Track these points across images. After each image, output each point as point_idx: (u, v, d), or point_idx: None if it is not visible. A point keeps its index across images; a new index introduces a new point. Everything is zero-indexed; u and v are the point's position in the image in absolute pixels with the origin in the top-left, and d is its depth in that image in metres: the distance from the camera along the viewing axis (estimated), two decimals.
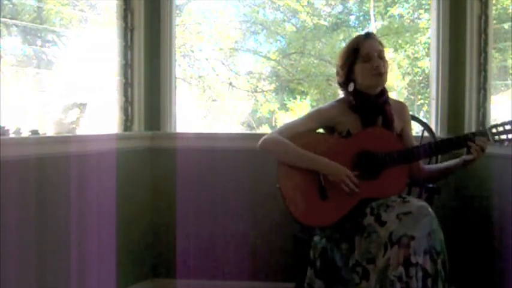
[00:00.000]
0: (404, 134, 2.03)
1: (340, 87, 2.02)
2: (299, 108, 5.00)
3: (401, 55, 4.92)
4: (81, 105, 2.31)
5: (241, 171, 2.61)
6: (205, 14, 4.98)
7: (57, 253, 2.12)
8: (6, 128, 1.99)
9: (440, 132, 2.54)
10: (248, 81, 5.17)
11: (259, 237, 2.61)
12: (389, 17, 5.14)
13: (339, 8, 5.26)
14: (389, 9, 5.14)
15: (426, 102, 4.68)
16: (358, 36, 1.97)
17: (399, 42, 4.93)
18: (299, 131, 1.95)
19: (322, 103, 2.12)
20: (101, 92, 2.56)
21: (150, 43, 2.62)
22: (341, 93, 2.06)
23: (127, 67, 2.58)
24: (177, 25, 3.25)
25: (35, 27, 2.63)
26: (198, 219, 2.63)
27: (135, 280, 2.56)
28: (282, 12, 5.32)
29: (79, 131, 2.31)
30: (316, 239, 1.86)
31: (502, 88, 2.65)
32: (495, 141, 1.82)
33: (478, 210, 2.39)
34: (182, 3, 4.79)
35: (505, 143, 1.82)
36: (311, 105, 4.99)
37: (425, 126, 2.33)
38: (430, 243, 1.60)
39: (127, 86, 2.59)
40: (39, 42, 2.83)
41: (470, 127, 2.48)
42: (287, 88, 5.27)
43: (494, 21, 2.46)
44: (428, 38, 4.21)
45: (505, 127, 1.81)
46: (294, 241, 2.12)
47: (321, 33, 5.09)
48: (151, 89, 2.64)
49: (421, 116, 4.40)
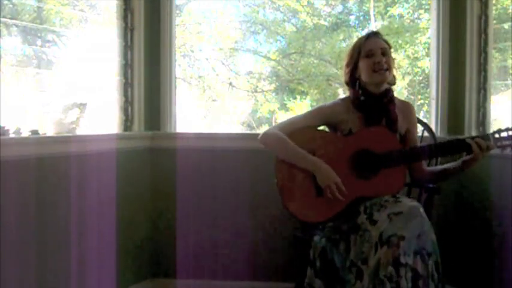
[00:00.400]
0: (409, 135, 2.02)
1: (346, 86, 2.03)
2: (299, 108, 5.00)
3: (401, 55, 4.92)
4: (81, 105, 2.31)
5: (241, 171, 2.61)
6: (205, 14, 4.98)
7: (57, 253, 2.12)
8: (6, 128, 1.99)
9: (440, 132, 2.54)
10: (248, 81, 5.17)
11: (259, 237, 2.61)
12: (390, 17, 5.14)
13: (339, 8, 5.26)
14: (389, 9, 5.13)
15: (426, 102, 4.67)
16: (364, 34, 1.99)
17: (399, 42, 4.93)
18: (299, 127, 1.96)
19: (322, 103, 2.12)
20: (101, 92, 2.56)
21: (150, 43, 2.62)
22: (341, 93, 2.06)
23: (127, 67, 2.58)
24: (177, 25, 3.25)
25: (35, 27, 2.63)
26: (198, 219, 2.63)
27: (135, 280, 2.56)
28: (282, 12, 5.32)
29: (79, 131, 2.31)
30: (316, 239, 1.86)
31: (502, 88, 2.65)
32: (498, 146, 1.81)
33: (478, 210, 2.39)
34: (182, 3, 4.79)
35: (508, 149, 1.81)
36: (311, 105, 4.98)
37: (425, 126, 2.33)
38: (420, 244, 1.60)
39: (127, 86, 2.59)
40: (39, 42, 2.83)
41: (470, 127, 2.48)
42: (287, 88, 5.27)
43: (494, 21, 2.46)
44: (428, 38, 4.21)
45: (509, 133, 1.80)
46: (294, 241, 2.12)
47: (321, 33, 5.09)
48: (151, 89, 2.64)
49: (421, 116, 4.39)
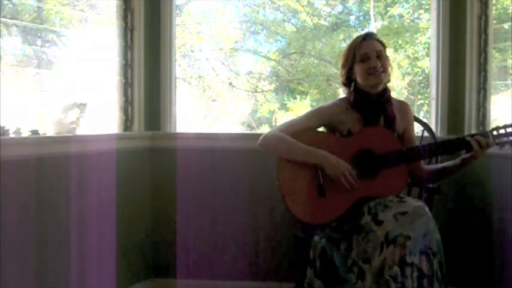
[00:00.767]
0: (407, 134, 2.03)
1: (343, 87, 2.03)
2: (299, 108, 5.00)
3: (401, 55, 4.92)
4: (81, 105, 2.31)
5: (241, 171, 2.61)
6: (205, 14, 4.97)
7: (57, 253, 2.12)
8: (6, 128, 1.99)
9: (440, 132, 2.54)
10: (248, 81, 5.17)
11: (259, 237, 2.61)
12: (390, 17, 5.13)
13: (339, 8, 5.25)
14: (389, 9, 5.13)
15: (426, 102, 4.67)
16: (358, 36, 1.98)
17: (399, 42, 4.92)
18: (299, 128, 1.96)
19: (322, 103, 2.12)
20: (101, 92, 2.56)
21: (150, 43, 2.62)
22: (341, 93, 2.06)
23: (127, 67, 2.58)
24: (177, 25, 3.24)
25: (35, 27, 2.63)
26: (198, 219, 2.63)
27: (135, 280, 2.56)
28: (282, 12, 5.32)
29: (79, 131, 2.31)
30: (316, 239, 1.86)
31: (502, 88, 2.65)
32: (496, 143, 1.81)
33: (478, 210, 2.39)
34: (182, 3, 4.79)
35: (506, 146, 1.81)
36: (311, 105, 4.98)
37: (425, 126, 2.33)
38: (426, 244, 1.61)
39: (127, 86, 2.59)
40: (39, 42, 2.83)
41: (470, 127, 2.48)
42: (287, 88, 5.26)
43: (494, 21, 2.46)
44: (428, 38, 4.21)
45: (507, 130, 1.80)
46: (294, 241, 2.12)
47: (321, 33, 5.08)
48: (151, 89, 2.64)
49: (421, 116, 4.39)
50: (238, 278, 2.61)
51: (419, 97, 5.03)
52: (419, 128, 2.39)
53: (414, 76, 5.07)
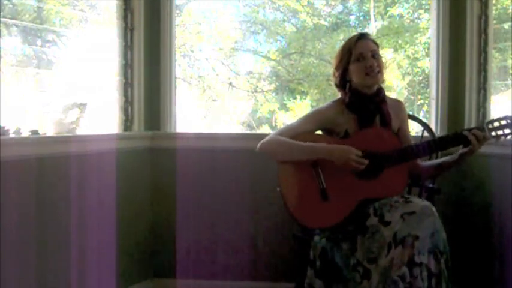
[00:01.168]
0: (401, 132, 2.03)
1: (336, 88, 2.03)
2: (299, 108, 4.99)
3: (401, 55, 4.91)
4: (81, 105, 2.31)
5: (241, 171, 2.61)
6: (205, 14, 4.97)
7: (57, 253, 2.12)
8: (6, 128, 1.99)
9: (440, 132, 2.54)
10: (248, 81, 5.17)
11: (260, 237, 2.61)
12: (389, 17, 5.13)
13: (339, 8, 5.25)
14: (389, 9, 5.13)
15: (426, 102, 4.67)
16: (352, 37, 1.98)
17: (399, 42, 4.92)
18: (297, 132, 1.95)
19: (322, 103, 2.12)
20: (101, 92, 2.56)
21: (150, 43, 2.62)
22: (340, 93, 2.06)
23: (127, 67, 2.58)
24: (177, 25, 3.24)
25: (35, 27, 2.63)
26: (198, 219, 2.63)
27: (135, 280, 2.56)
28: (282, 12, 5.32)
29: (79, 131, 2.31)
30: (316, 239, 1.86)
31: (502, 88, 2.65)
32: (492, 136, 1.83)
33: (478, 210, 2.39)
34: (182, 3, 4.78)
35: (501, 138, 1.82)
36: (311, 105, 4.98)
37: (425, 126, 2.33)
38: (433, 243, 1.61)
39: (127, 86, 2.59)
40: (39, 42, 2.83)
41: (470, 127, 2.48)
42: (287, 88, 5.26)
43: (494, 21, 2.46)
44: (428, 38, 4.20)
45: (501, 122, 1.82)
46: (294, 241, 2.12)
47: (321, 33, 5.08)
48: (151, 89, 2.64)
49: (421, 116, 4.39)
50: (238, 278, 2.61)
51: (419, 97, 5.02)
52: (419, 128, 2.39)
53: (414, 76, 5.06)
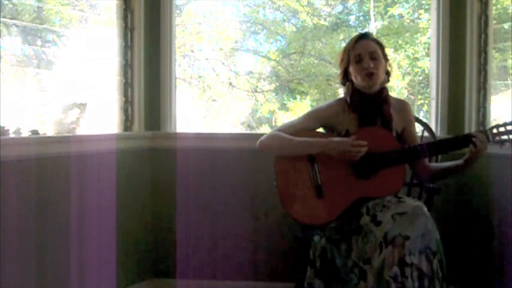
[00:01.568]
0: (407, 133, 2.02)
1: (342, 86, 2.03)
2: (299, 108, 4.99)
3: (402, 55, 4.92)
4: (81, 105, 2.31)
5: (241, 171, 2.61)
6: (205, 14, 4.98)
7: (57, 253, 2.12)
8: (6, 128, 1.99)
9: (440, 132, 2.54)
10: (248, 81, 5.17)
11: (259, 237, 2.61)
12: (389, 17, 5.13)
13: (339, 8, 5.25)
14: (389, 9, 5.13)
15: (426, 102, 4.67)
16: (354, 36, 1.98)
17: (399, 42, 4.92)
18: (298, 129, 1.96)
19: (322, 103, 2.12)
20: (101, 92, 2.56)
21: (150, 43, 2.62)
22: (341, 93, 2.07)
23: (127, 67, 2.58)
24: (177, 25, 3.25)
25: (35, 27, 2.63)
26: (198, 219, 2.63)
27: (135, 280, 2.56)
28: (282, 12, 5.32)
29: (79, 131, 2.31)
30: (316, 239, 1.86)
31: (502, 88, 2.65)
32: (496, 142, 1.81)
33: (478, 210, 2.39)
34: (182, 3, 4.79)
35: (506, 144, 1.81)
36: (311, 105, 4.98)
37: (425, 126, 2.33)
38: (425, 243, 1.60)
39: (127, 86, 2.59)
40: (39, 42, 2.83)
41: (470, 127, 2.48)
42: (287, 88, 5.26)
43: (494, 21, 2.46)
44: (428, 38, 4.21)
45: (507, 127, 1.80)
46: (294, 241, 2.12)
47: (321, 33, 5.08)
48: (151, 89, 2.64)
49: (421, 116, 4.39)
50: (238, 278, 2.61)
51: (419, 97, 5.03)
52: (419, 128, 2.39)
53: (414, 76, 5.07)
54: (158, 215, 2.64)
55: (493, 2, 2.47)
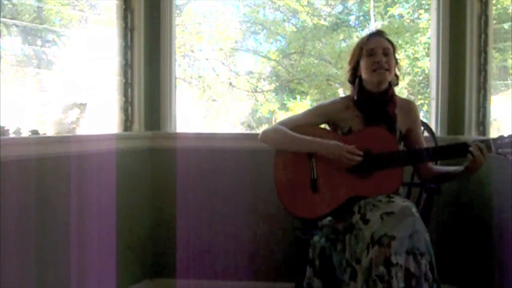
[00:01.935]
0: (413, 133, 2.02)
1: (348, 84, 2.03)
2: (299, 108, 5.00)
3: (402, 55, 4.92)
4: (81, 105, 2.32)
5: (241, 171, 2.61)
6: (205, 14, 4.98)
7: (57, 253, 2.12)
8: (6, 128, 1.99)
9: (440, 132, 2.54)
10: (248, 81, 5.17)
11: (259, 237, 2.61)
12: (389, 17, 5.14)
13: (339, 8, 5.26)
14: (389, 9, 5.13)
15: (426, 102, 4.67)
16: (369, 33, 2.00)
17: (399, 42, 4.93)
18: (300, 124, 1.98)
19: (321, 102, 2.13)
20: (101, 92, 2.56)
21: (150, 43, 2.62)
22: (341, 93, 2.07)
23: (127, 67, 2.58)
24: (177, 25, 3.25)
25: (35, 27, 2.63)
26: (198, 219, 2.63)
27: (135, 280, 2.56)
28: (282, 12, 5.32)
29: (79, 131, 2.31)
30: (315, 238, 1.86)
31: (502, 88, 2.65)
32: (498, 153, 1.78)
33: (478, 210, 2.39)
34: (182, 3, 4.79)
35: (509, 157, 1.76)
36: (311, 105, 4.98)
37: (425, 126, 2.32)
38: (413, 244, 1.60)
39: (127, 86, 2.59)
40: (39, 42, 2.83)
41: (470, 127, 2.48)
42: (287, 88, 5.27)
43: (494, 21, 2.46)
44: (428, 38, 4.21)
45: (511, 139, 1.75)
46: (294, 241, 2.12)
47: (321, 33, 5.09)
48: (151, 89, 2.64)
49: (421, 116, 4.39)
50: (238, 278, 2.61)
51: (419, 97, 5.03)
52: None
53: (414, 76, 5.07)
54: (158, 215, 2.64)
55: (493, 2, 2.47)
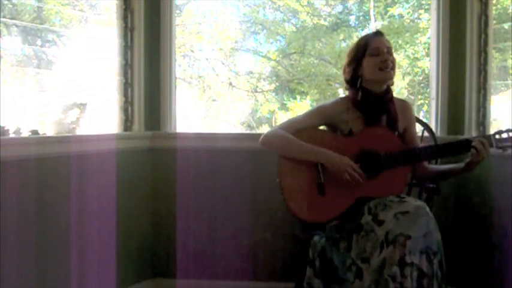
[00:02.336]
0: (408, 133, 2.02)
1: (346, 85, 2.02)
2: (299, 108, 5.00)
3: (402, 55, 4.92)
4: (81, 105, 2.32)
5: (241, 171, 2.60)
6: (205, 14, 4.98)
7: (57, 253, 2.12)
8: (6, 128, 1.99)
9: (440, 132, 2.54)
10: (248, 81, 5.18)
11: (259, 237, 2.61)
12: (389, 17, 5.14)
13: (339, 8, 5.26)
14: (389, 9, 5.13)
15: (426, 102, 4.68)
16: (368, 33, 1.99)
17: (399, 42, 4.93)
18: (300, 127, 1.96)
19: (322, 103, 2.12)
20: (101, 92, 2.56)
21: (150, 43, 2.62)
22: (341, 93, 2.06)
23: (127, 67, 2.58)
24: (177, 25, 3.25)
25: (35, 27, 2.63)
26: (198, 219, 2.63)
27: (135, 280, 2.56)
28: (282, 12, 5.33)
29: (79, 131, 2.31)
30: (315, 238, 1.86)
31: (502, 88, 2.65)
32: (499, 147, 1.81)
33: (478, 210, 2.39)
34: (182, 3, 4.79)
35: (508, 150, 1.80)
36: (311, 105, 4.99)
37: (425, 126, 2.33)
38: (426, 243, 1.60)
39: (127, 86, 2.59)
40: (39, 42, 2.84)
41: (470, 127, 2.48)
42: (287, 88, 5.27)
43: (494, 21, 2.46)
44: (428, 38, 4.21)
45: (510, 134, 1.79)
46: (294, 241, 2.12)
47: (321, 33, 5.09)
48: (151, 89, 2.64)
49: (421, 116, 4.39)
50: (238, 278, 2.61)
51: (419, 97, 5.03)
52: (419, 128, 2.39)
53: (414, 76, 5.07)
54: (158, 215, 2.64)
55: (493, 2, 2.47)
